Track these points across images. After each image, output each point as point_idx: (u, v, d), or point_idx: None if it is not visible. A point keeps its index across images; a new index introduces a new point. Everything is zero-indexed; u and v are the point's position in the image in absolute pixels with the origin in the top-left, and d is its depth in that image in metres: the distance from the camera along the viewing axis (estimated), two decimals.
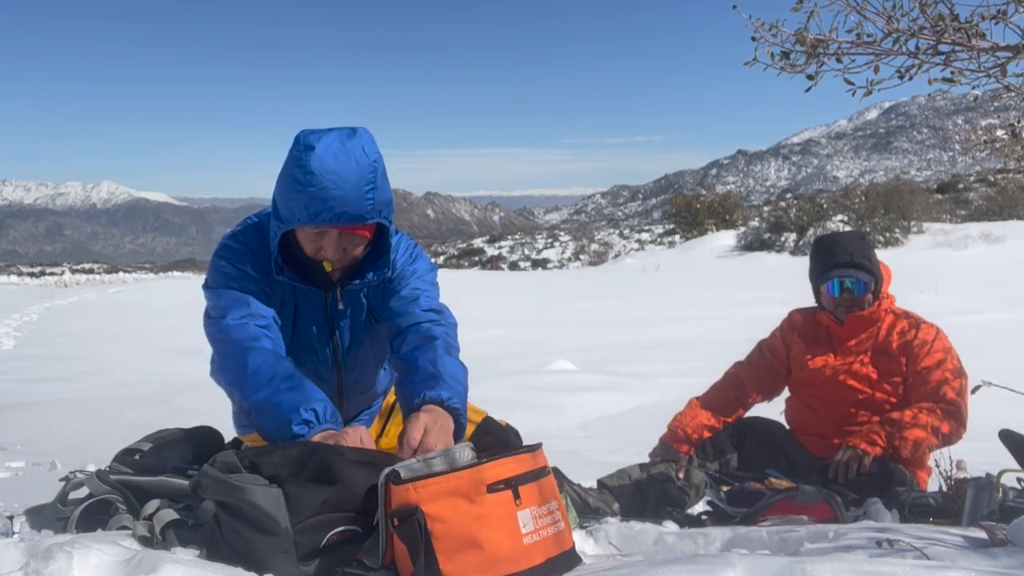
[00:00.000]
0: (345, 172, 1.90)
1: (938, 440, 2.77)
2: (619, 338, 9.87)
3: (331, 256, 2.02)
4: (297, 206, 1.92)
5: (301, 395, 1.86)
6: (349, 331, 2.22)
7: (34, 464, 4.43)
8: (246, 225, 2.18)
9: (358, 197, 1.92)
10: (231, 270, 2.07)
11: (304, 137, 1.92)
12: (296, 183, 1.90)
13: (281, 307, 2.13)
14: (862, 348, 2.97)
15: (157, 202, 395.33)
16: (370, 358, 2.33)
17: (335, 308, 2.16)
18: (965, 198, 31.92)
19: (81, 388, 7.44)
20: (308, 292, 2.14)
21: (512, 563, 1.70)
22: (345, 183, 1.90)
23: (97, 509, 2.06)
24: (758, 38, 2.36)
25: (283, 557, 1.73)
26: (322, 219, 1.92)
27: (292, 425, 1.84)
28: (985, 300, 11.12)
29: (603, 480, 2.92)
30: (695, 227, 28.41)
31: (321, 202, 1.89)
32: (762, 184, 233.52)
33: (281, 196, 1.97)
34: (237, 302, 2.03)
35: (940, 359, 2.88)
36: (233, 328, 1.99)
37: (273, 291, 2.11)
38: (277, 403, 1.85)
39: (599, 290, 16.50)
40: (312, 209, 1.90)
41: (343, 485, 1.80)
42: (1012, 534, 1.78)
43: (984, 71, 2.26)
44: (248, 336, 1.98)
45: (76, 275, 40.42)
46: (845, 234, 3.13)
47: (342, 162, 1.90)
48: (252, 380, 1.90)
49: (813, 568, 1.46)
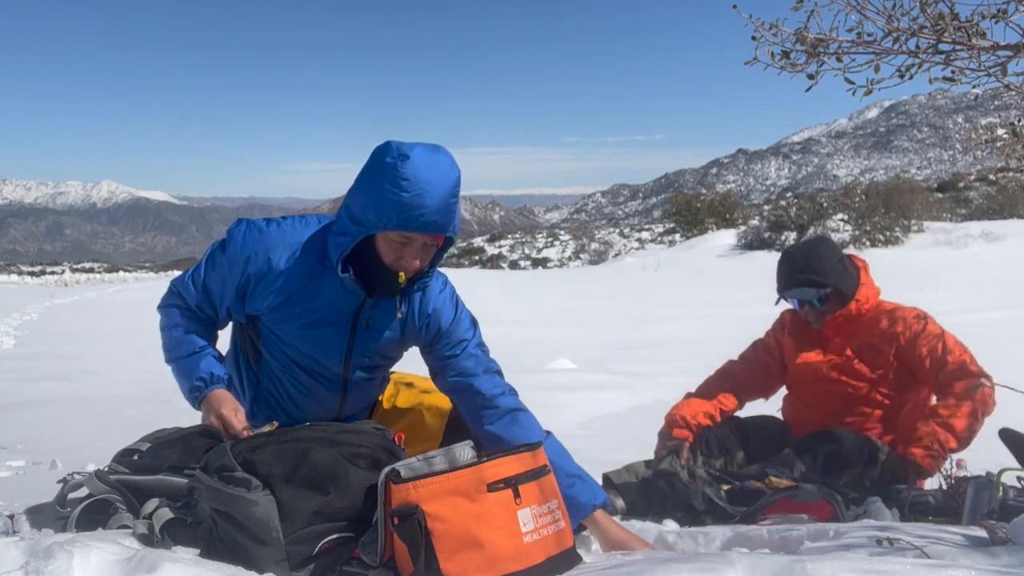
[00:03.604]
0: (437, 182, 1.96)
1: (980, 421, 2.77)
2: (619, 337, 9.86)
3: (411, 263, 2.06)
4: (388, 212, 1.96)
5: (195, 367, 2.19)
6: (362, 353, 2.23)
7: (34, 463, 4.43)
8: (296, 219, 2.23)
9: (446, 208, 1.99)
10: (210, 262, 2.23)
11: (397, 146, 1.98)
12: (390, 189, 1.95)
13: (294, 302, 2.14)
14: (848, 344, 3.00)
15: (157, 201, 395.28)
16: (375, 381, 2.37)
17: (365, 318, 2.18)
18: (965, 197, 31.90)
19: (81, 387, 7.44)
20: (344, 297, 2.14)
21: (512, 562, 1.70)
22: (437, 193, 1.96)
23: (97, 509, 2.06)
24: (758, 37, 2.36)
25: (276, 567, 1.74)
26: (413, 225, 1.97)
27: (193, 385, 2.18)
28: (985, 299, 11.10)
29: (608, 476, 2.92)
30: (695, 226, 28.38)
31: (414, 209, 1.95)
32: (762, 183, 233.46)
33: (366, 202, 2.00)
34: (185, 291, 2.27)
35: (936, 343, 2.88)
36: (165, 309, 2.30)
37: (272, 287, 2.13)
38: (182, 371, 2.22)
39: (599, 289, 16.48)
40: (404, 215, 1.96)
41: (338, 493, 1.81)
42: (1012, 533, 1.78)
43: (984, 70, 2.26)
44: (173, 323, 2.28)
45: (76, 274, 40.42)
46: (795, 250, 3.13)
47: (434, 173, 1.96)
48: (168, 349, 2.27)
49: (813, 567, 1.46)
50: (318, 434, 1.93)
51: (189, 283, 2.25)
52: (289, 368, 2.25)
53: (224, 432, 2.11)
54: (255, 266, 2.12)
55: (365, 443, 1.93)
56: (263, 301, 2.14)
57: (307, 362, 2.23)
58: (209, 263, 2.23)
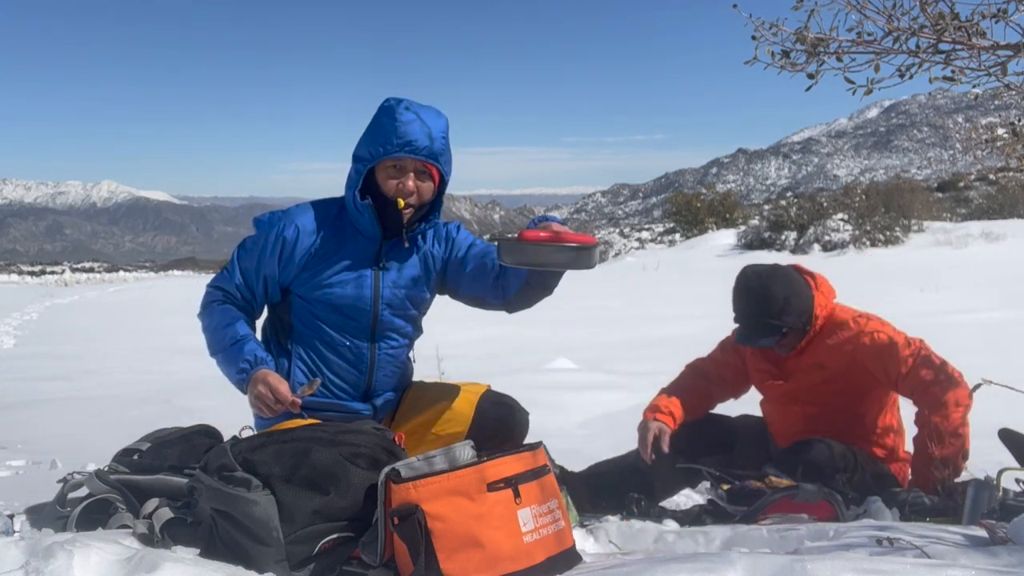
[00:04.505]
0: (427, 119, 2.31)
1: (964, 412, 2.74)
2: (619, 336, 9.86)
3: (409, 188, 2.32)
4: (385, 140, 2.28)
5: (239, 352, 2.32)
6: (391, 288, 2.43)
7: (35, 463, 4.43)
8: (299, 204, 2.50)
9: (436, 139, 2.31)
10: (241, 250, 2.45)
11: (395, 98, 2.34)
12: (387, 121, 2.29)
13: (322, 257, 2.38)
14: (807, 365, 2.97)
15: (157, 201, 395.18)
16: (405, 323, 2.50)
17: (384, 258, 2.41)
18: (965, 196, 31.87)
19: (81, 387, 7.44)
20: (365, 245, 2.40)
21: (512, 561, 1.70)
22: (428, 126, 2.30)
23: (97, 508, 2.07)
24: (758, 37, 2.37)
25: (276, 567, 1.75)
26: (406, 150, 2.28)
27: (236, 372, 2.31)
28: (985, 298, 11.08)
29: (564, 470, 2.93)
30: (695, 226, 28.34)
31: (407, 135, 2.27)
32: (762, 183, 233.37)
33: (367, 140, 2.33)
34: (223, 281, 2.45)
35: (889, 347, 2.83)
36: (205, 311, 2.45)
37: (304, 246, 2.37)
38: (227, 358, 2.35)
39: (599, 288, 16.47)
40: (398, 140, 2.27)
41: (338, 492, 1.81)
42: (1012, 533, 1.79)
43: (985, 70, 2.26)
44: (213, 321, 2.41)
45: (76, 274, 40.44)
46: (743, 295, 3.03)
47: (426, 112, 2.32)
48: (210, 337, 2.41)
49: (814, 566, 1.46)
50: (318, 434, 1.93)
51: (225, 274, 2.46)
52: (320, 332, 2.41)
53: (272, 400, 2.23)
54: (289, 231, 2.37)
55: (365, 443, 1.93)
56: (300, 261, 2.37)
57: (337, 320, 2.39)
58: (241, 251, 2.46)
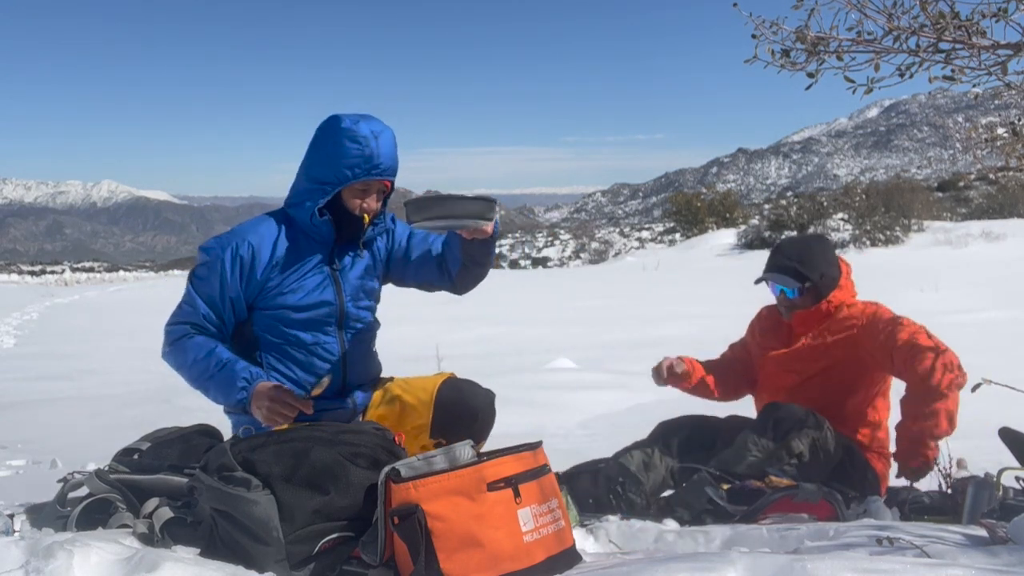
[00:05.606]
0: (384, 137, 2.34)
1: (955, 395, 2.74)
2: (620, 336, 9.85)
3: (374, 207, 2.42)
4: (354, 164, 2.31)
5: (232, 373, 2.29)
6: (350, 282, 2.48)
7: (35, 462, 4.43)
8: (242, 224, 2.49)
9: (395, 156, 2.38)
10: (195, 280, 2.40)
11: (343, 116, 2.35)
12: (352, 147, 2.30)
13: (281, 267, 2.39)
14: (811, 341, 3.03)
15: (157, 200, 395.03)
16: (368, 313, 2.55)
17: (339, 258, 2.46)
18: (966, 196, 31.89)
19: (82, 386, 7.44)
20: (319, 247, 2.42)
21: (512, 561, 1.70)
22: (388, 145, 2.35)
23: (97, 508, 2.07)
24: (758, 36, 2.36)
25: (276, 566, 1.74)
26: (376, 173, 2.34)
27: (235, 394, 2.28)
28: (985, 298, 11.09)
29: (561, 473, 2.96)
30: (695, 225, 28.37)
31: (377, 159, 2.32)
32: (762, 182, 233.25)
33: (327, 164, 2.34)
34: (184, 315, 2.40)
35: (890, 326, 2.87)
36: (171, 349, 2.42)
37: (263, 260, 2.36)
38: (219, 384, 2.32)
39: (599, 288, 16.49)
40: (368, 165, 2.32)
41: (338, 492, 1.81)
42: (1012, 532, 1.78)
43: (985, 69, 2.26)
44: (186, 357, 2.38)
45: (77, 273, 40.43)
46: (791, 239, 3.26)
47: (381, 130, 2.34)
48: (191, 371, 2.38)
49: (814, 566, 1.46)
50: (318, 434, 1.93)
51: (186, 308, 2.39)
52: (287, 336, 2.40)
53: (285, 406, 2.20)
54: (244, 250, 2.35)
55: (365, 443, 1.93)
56: (261, 276, 2.36)
57: (303, 320, 2.40)
58: (197, 281, 2.39)
